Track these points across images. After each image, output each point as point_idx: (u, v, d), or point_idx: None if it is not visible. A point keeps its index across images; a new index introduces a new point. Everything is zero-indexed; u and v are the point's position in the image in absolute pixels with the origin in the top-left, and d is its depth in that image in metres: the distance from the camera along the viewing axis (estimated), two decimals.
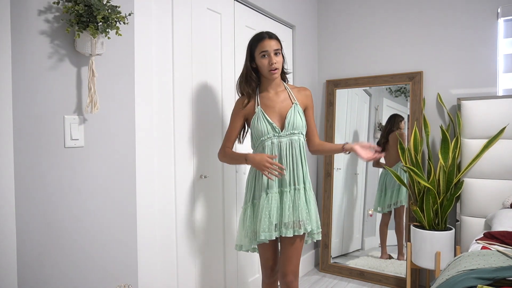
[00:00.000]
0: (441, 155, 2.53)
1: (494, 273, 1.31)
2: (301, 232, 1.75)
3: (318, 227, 1.83)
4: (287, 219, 1.74)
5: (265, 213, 1.76)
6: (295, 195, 1.78)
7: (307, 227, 1.76)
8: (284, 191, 1.79)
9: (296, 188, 1.79)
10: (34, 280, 1.34)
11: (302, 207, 1.76)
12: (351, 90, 3.15)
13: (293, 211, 1.76)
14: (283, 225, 1.74)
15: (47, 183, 1.37)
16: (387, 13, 3.02)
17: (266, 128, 1.80)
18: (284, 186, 1.79)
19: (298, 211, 1.75)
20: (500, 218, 2.08)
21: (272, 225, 1.75)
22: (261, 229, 1.74)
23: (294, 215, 1.75)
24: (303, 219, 1.75)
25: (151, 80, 1.82)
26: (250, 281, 2.54)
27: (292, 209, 1.76)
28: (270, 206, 1.76)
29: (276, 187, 1.80)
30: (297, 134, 1.82)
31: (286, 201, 1.76)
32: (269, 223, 1.75)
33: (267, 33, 1.83)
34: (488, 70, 2.64)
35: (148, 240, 1.80)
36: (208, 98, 2.17)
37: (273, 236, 1.75)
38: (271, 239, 1.76)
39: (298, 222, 1.74)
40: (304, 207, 1.77)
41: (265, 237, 1.74)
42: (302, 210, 1.76)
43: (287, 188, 1.78)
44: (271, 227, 1.74)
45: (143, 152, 1.76)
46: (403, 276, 2.82)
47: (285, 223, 1.74)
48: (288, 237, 1.77)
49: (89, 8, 1.35)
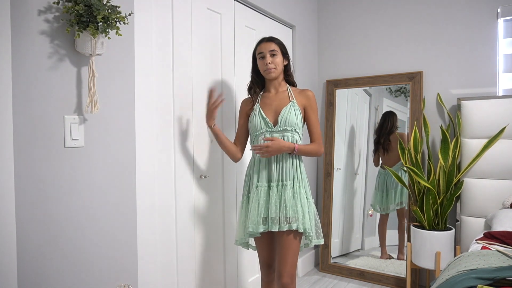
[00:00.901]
0: (441, 155, 2.53)
1: (494, 273, 1.31)
2: (285, 228, 1.73)
3: (311, 228, 1.78)
4: (274, 213, 1.75)
5: (254, 206, 1.79)
6: (282, 190, 1.79)
7: (292, 224, 1.73)
8: (271, 185, 1.81)
9: (283, 184, 1.80)
10: (34, 280, 1.34)
11: (288, 203, 1.75)
12: (351, 90, 3.15)
13: (279, 206, 1.76)
14: (270, 220, 1.75)
15: (47, 183, 1.37)
16: (387, 13, 3.02)
17: (259, 123, 1.86)
18: (272, 180, 1.81)
19: (283, 207, 1.75)
20: (500, 218, 2.08)
21: (261, 217, 1.76)
22: (249, 221, 1.78)
23: (280, 210, 1.75)
24: (289, 216, 1.74)
25: (151, 80, 1.81)
26: (250, 281, 2.54)
27: (279, 204, 1.77)
28: (259, 199, 1.80)
29: (266, 181, 1.82)
30: (290, 131, 1.83)
31: (273, 196, 1.78)
32: (258, 215, 1.77)
33: (268, 37, 1.92)
34: (488, 70, 2.64)
35: (148, 240, 1.80)
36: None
37: (260, 229, 1.75)
38: (258, 231, 1.76)
39: (284, 218, 1.74)
40: (290, 204, 1.75)
41: (252, 229, 1.76)
42: (288, 207, 1.75)
43: (274, 183, 1.81)
44: (259, 219, 1.76)
45: (143, 152, 1.76)
46: (403, 276, 2.82)
47: (272, 217, 1.75)
48: (282, 236, 1.77)
49: (89, 8, 1.35)
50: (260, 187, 1.82)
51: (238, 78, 2.39)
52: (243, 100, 2.03)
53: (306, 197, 1.83)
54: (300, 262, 3.07)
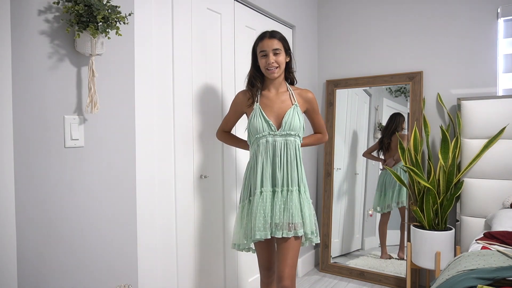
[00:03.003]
0: (441, 155, 2.53)
1: (494, 273, 1.31)
2: (290, 235, 1.71)
3: (312, 232, 1.79)
4: (278, 219, 1.72)
5: (260, 212, 1.74)
6: (288, 196, 1.75)
7: (298, 230, 1.72)
8: (276, 190, 1.77)
9: (289, 189, 1.76)
10: (34, 280, 1.34)
11: (294, 209, 1.73)
12: (351, 90, 3.15)
13: (284, 212, 1.73)
14: (274, 226, 1.73)
15: (47, 183, 1.37)
16: (387, 13, 3.02)
17: (262, 125, 1.79)
18: (277, 185, 1.77)
19: (290, 213, 1.72)
20: (500, 218, 2.08)
21: (267, 223, 1.73)
22: (256, 228, 1.73)
23: (285, 216, 1.73)
24: (295, 222, 1.71)
25: (151, 80, 1.82)
26: (250, 281, 2.54)
27: (284, 210, 1.74)
28: (265, 204, 1.75)
29: (270, 186, 1.78)
30: (293, 135, 1.79)
31: (277, 201, 1.75)
32: (264, 221, 1.73)
33: (270, 32, 1.83)
34: (488, 70, 2.64)
35: (148, 240, 1.80)
36: (208, 98, 2.17)
37: (268, 235, 1.73)
38: (266, 237, 1.74)
39: (288, 224, 1.71)
40: (297, 210, 1.73)
41: (260, 236, 1.72)
42: (294, 213, 1.72)
43: (279, 188, 1.76)
44: (266, 225, 1.73)
45: (143, 152, 1.76)
46: (403, 276, 2.82)
47: (276, 223, 1.73)
48: (283, 238, 1.74)
49: (89, 8, 1.35)
50: (265, 192, 1.77)
51: (238, 78, 2.39)
52: (241, 92, 1.94)
53: (308, 201, 1.82)
54: (300, 262, 3.07)
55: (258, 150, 1.81)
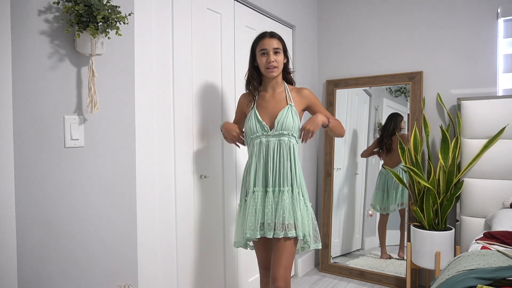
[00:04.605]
0: (441, 155, 2.53)
1: (494, 273, 1.31)
2: (280, 235, 1.70)
3: (309, 235, 1.76)
4: (269, 219, 1.73)
5: (251, 211, 1.76)
6: (279, 196, 1.75)
7: (288, 232, 1.70)
8: (267, 190, 1.78)
9: (280, 190, 1.76)
10: (34, 280, 1.34)
11: (285, 209, 1.71)
12: (351, 90, 3.15)
13: (275, 212, 1.73)
14: (266, 225, 1.73)
15: (47, 183, 1.37)
16: (387, 13, 3.02)
17: (255, 126, 1.81)
18: (268, 185, 1.78)
19: (280, 213, 1.71)
20: (500, 218, 2.08)
21: (258, 223, 1.74)
22: (247, 227, 1.75)
23: (276, 216, 1.72)
24: (286, 223, 1.70)
25: (151, 80, 1.82)
26: (250, 281, 2.54)
27: (275, 210, 1.74)
28: (256, 204, 1.77)
29: (262, 186, 1.79)
30: (287, 135, 1.79)
31: (268, 201, 1.75)
32: (255, 221, 1.75)
33: (270, 33, 1.86)
34: (488, 70, 2.64)
35: (148, 240, 1.80)
36: (208, 98, 2.17)
37: (257, 235, 1.74)
38: (255, 237, 1.74)
39: (280, 225, 1.70)
40: (288, 211, 1.72)
41: (250, 235, 1.74)
42: (285, 213, 1.71)
43: (270, 188, 1.77)
44: (256, 225, 1.74)
45: (143, 152, 1.77)
46: (403, 276, 2.82)
47: (268, 223, 1.73)
48: (278, 240, 1.73)
49: (89, 8, 1.35)
50: (257, 192, 1.78)
51: (238, 78, 2.39)
52: (243, 94, 2.00)
53: (304, 202, 1.79)
54: (300, 262, 3.07)
55: (253, 151, 1.83)
